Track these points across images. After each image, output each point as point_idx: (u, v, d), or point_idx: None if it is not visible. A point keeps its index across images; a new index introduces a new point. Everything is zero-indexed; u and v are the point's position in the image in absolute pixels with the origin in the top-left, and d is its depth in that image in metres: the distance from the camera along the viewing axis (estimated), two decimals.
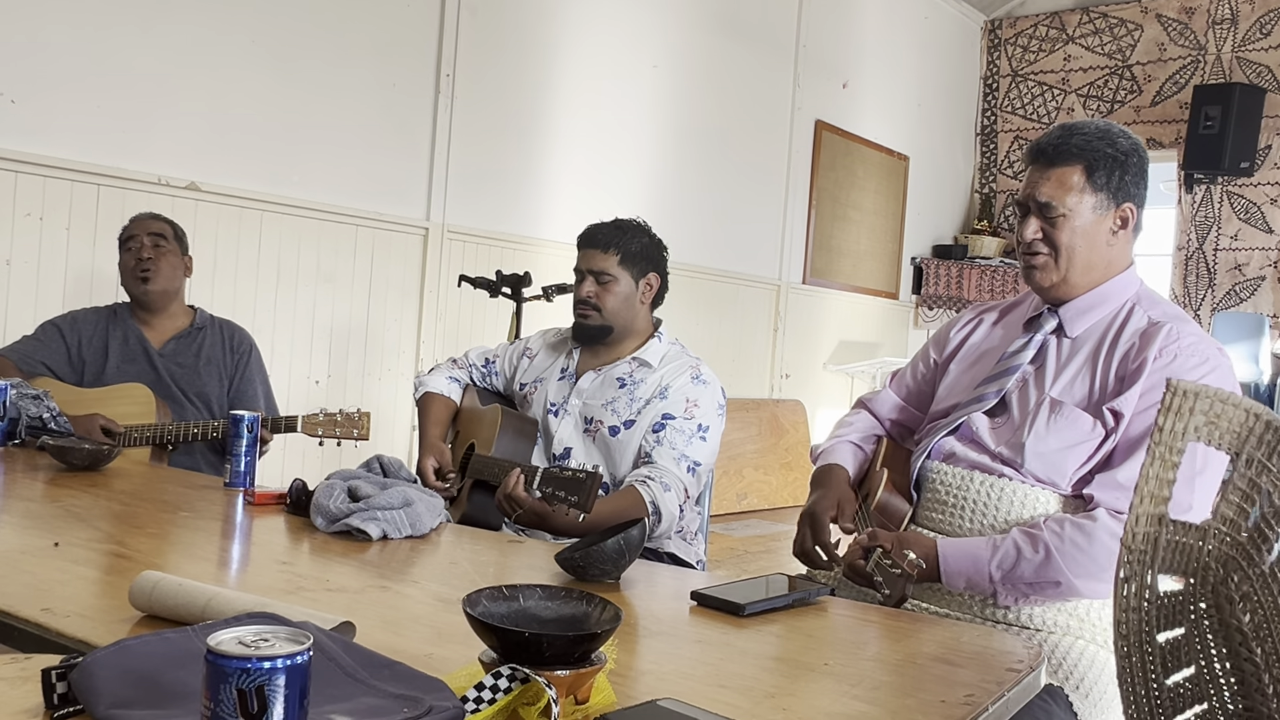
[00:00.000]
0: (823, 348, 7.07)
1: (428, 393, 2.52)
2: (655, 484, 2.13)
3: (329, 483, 1.72)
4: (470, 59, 4.69)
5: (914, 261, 7.88)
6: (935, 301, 7.85)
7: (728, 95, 6.10)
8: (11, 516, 1.68)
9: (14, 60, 3.34)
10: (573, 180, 5.21)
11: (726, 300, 6.22)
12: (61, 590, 1.25)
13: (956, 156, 8.23)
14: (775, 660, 1.19)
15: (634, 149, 5.57)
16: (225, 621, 0.98)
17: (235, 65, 3.88)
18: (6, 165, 3.35)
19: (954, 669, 1.19)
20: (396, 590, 1.37)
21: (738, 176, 6.23)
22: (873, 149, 7.30)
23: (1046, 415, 1.66)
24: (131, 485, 1.99)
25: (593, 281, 2.32)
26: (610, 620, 0.99)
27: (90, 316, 2.80)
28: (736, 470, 5.81)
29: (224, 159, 3.88)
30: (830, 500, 1.81)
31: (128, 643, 0.93)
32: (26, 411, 2.33)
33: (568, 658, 0.94)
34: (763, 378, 6.57)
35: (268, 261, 4.06)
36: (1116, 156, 1.70)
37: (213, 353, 2.82)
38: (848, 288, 7.22)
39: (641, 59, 5.57)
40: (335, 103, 4.21)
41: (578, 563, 1.45)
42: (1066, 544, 1.55)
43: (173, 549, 1.54)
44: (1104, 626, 1.58)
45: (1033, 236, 1.73)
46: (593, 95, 5.30)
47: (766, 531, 5.39)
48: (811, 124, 6.75)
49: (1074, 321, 1.75)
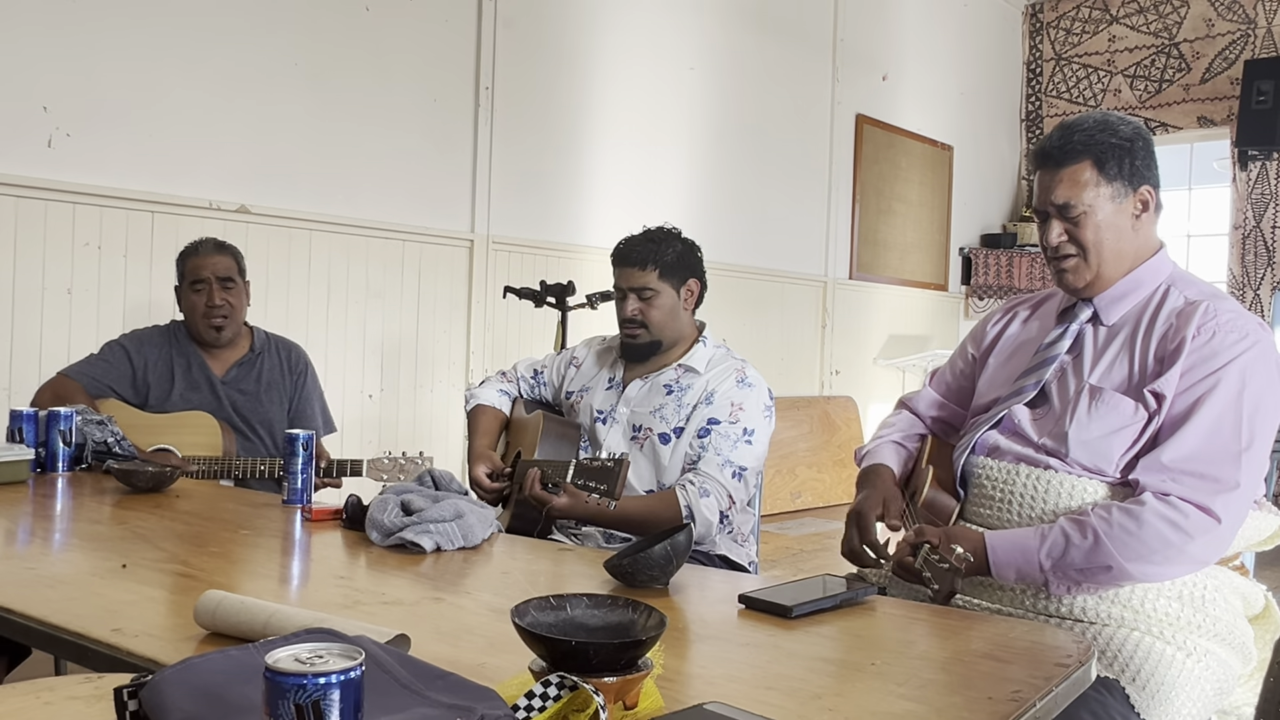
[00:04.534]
0: (872, 343, 7.03)
1: (478, 405, 2.56)
2: (693, 489, 2.15)
3: (383, 497, 1.76)
4: (508, 71, 4.73)
5: (962, 252, 7.80)
6: (985, 291, 7.76)
7: (766, 93, 6.09)
8: (81, 539, 1.73)
9: (67, 95, 3.43)
10: (614, 186, 5.23)
11: (773, 299, 6.21)
12: (130, 610, 1.28)
13: (1001, 144, 8.13)
14: (822, 661, 1.20)
15: (674, 151, 5.58)
16: (284, 638, 1.01)
17: (279, 89, 3.95)
18: (65, 198, 3.44)
19: (1002, 665, 1.19)
20: (450, 602, 1.40)
21: (779, 174, 6.22)
22: (916, 140, 7.24)
23: (1087, 403, 1.66)
24: (194, 505, 2.03)
25: (635, 299, 2.33)
26: (655, 627, 1.01)
27: (155, 338, 2.81)
28: (789, 469, 5.80)
29: (272, 181, 3.96)
30: (876, 499, 1.81)
31: (194, 661, 0.96)
32: (92, 437, 2.39)
33: (614, 664, 0.96)
34: (812, 375, 6.54)
35: (318, 279, 4.13)
36: (1121, 144, 1.69)
37: (273, 376, 2.85)
38: (895, 281, 7.16)
39: (678, 61, 5.58)
40: (377, 121, 4.27)
41: (626, 569, 1.47)
42: (1115, 528, 1.54)
43: (235, 567, 1.57)
44: (1159, 617, 1.57)
45: (1058, 240, 1.72)
46: (631, 100, 5.31)
47: (821, 530, 5.37)
48: (852, 118, 6.71)
49: (1109, 309, 1.74)
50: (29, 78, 3.36)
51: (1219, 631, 1.58)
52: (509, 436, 2.55)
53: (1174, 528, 1.52)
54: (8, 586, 1.37)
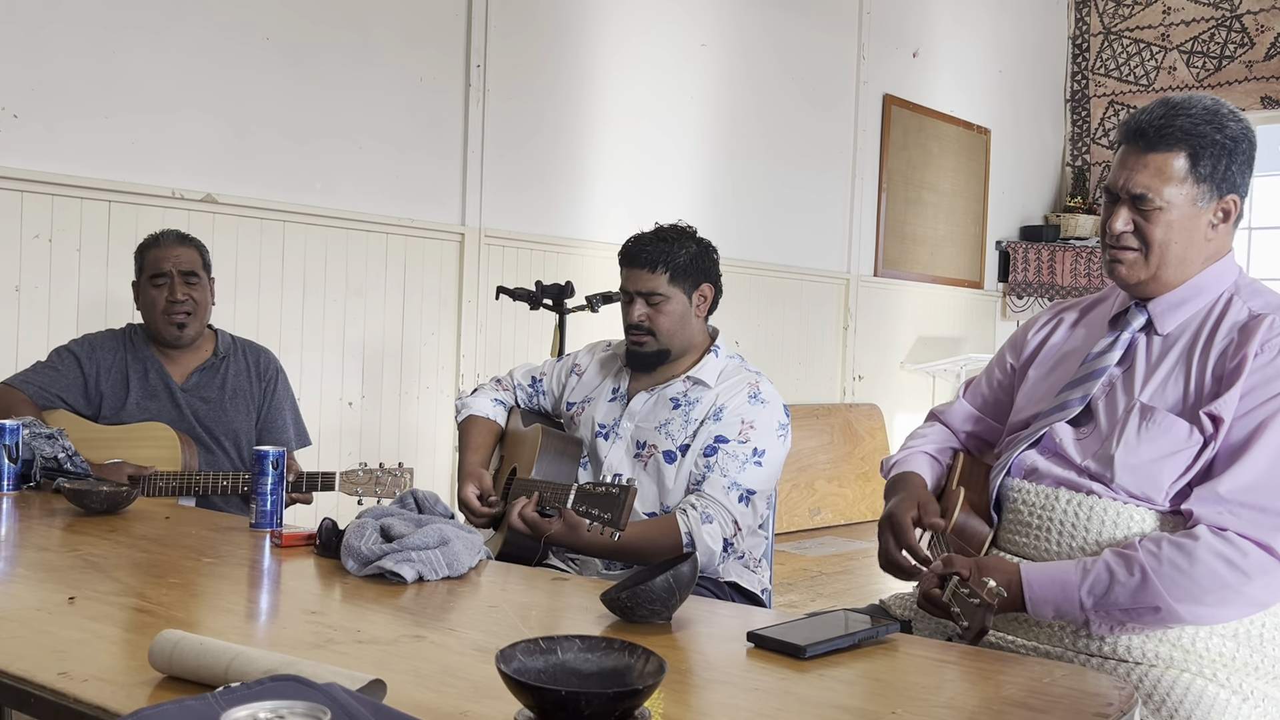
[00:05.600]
0: (899, 345, 7.02)
1: (470, 415, 2.55)
2: (695, 514, 2.15)
3: (360, 522, 1.75)
4: (502, 47, 4.73)
5: (999, 246, 7.79)
6: (1025, 290, 7.75)
7: (785, 72, 6.09)
8: (27, 569, 1.72)
9: (15, 72, 3.44)
10: (617, 175, 5.23)
11: (791, 297, 6.20)
12: (79, 651, 1.27)
13: (1044, 127, 8.12)
14: (838, 709, 1.19)
15: (683, 136, 5.58)
16: (246, 687, 1.01)
17: (250, 66, 3.96)
18: (11, 185, 3.44)
19: (1037, 715, 1.18)
20: (432, 640, 1.39)
21: (799, 161, 6.22)
22: (949, 123, 7.24)
23: (1137, 423, 1.65)
24: (153, 530, 2.03)
25: (643, 304, 2.32)
26: (654, 673, 1.01)
27: (108, 343, 2.81)
28: (808, 483, 5.80)
29: (241, 168, 3.97)
30: (910, 502, 1.79)
31: (146, 713, 0.96)
32: (40, 452, 2.38)
33: (608, 716, 0.96)
34: (833, 381, 6.54)
35: (292, 276, 4.14)
36: (1225, 143, 1.66)
37: (238, 383, 2.84)
38: (925, 278, 7.16)
39: (688, 38, 5.58)
40: (358, 101, 4.27)
41: (625, 603, 1.47)
42: (1165, 565, 1.53)
43: (196, 600, 1.57)
44: (1211, 658, 1.56)
45: (1123, 229, 1.70)
46: (637, 80, 5.32)
47: (843, 550, 5.37)
48: (879, 99, 6.71)
49: (1165, 317, 1.73)
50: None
51: (1278, 674, 1.58)
52: (503, 451, 2.55)
53: (1230, 566, 1.51)
54: None
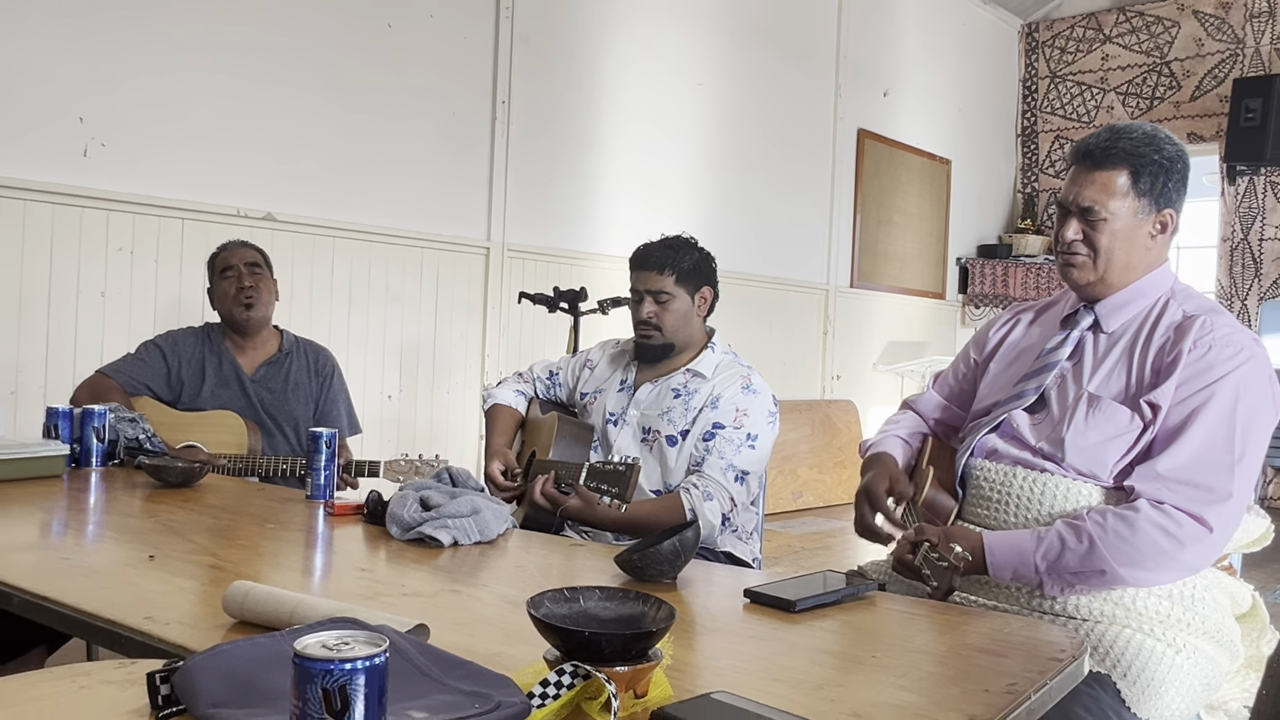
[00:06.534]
0: (872, 349, 7.02)
1: (496, 404, 2.56)
2: (698, 492, 2.15)
3: (402, 493, 1.76)
4: (524, 85, 4.74)
5: (959, 262, 7.79)
6: (982, 300, 7.75)
7: (772, 108, 6.09)
8: (114, 532, 1.73)
9: (102, 107, 3.45)
10: (625, 196, 5.24)
11: (777, 306, 6.21)
12: (162, 600, 1.28)
13: (998, 158, 8.13)
14: (825, 654, 1.20)
15: (683, 164, 5.58)
16: (310, 626, 1.01)
17: (304, 101, 3.97)
18: (99, 204, 3.46)
19: (998, 659, 1.18)
20: (467, 594, 1.40)
21: (784, 186, 6.22)
22: (915, 154, 7.24)
23: (1085, 410, 1.65)
24: (222, 500, 2.04)
25: (651, 302, 2.33)
26: (665, 619, 1.01)
27: (189, 338, 2.82)
28: (791, 470, 5.79)
29: (296, 189, 3.98)
30: (883, 476, 1.79)
31: (223, 648, 0.96)
32: (124, 434, 2.39)
33: (626, 655, 0.96)
34: (814, 380, 6.54)
35: (340, 284, 4.15)
36: (1162, 163, 1.67)
37: (300, 377, 2.84)
38: (895, 290, 7.16)
39: (687, 77, 5.58)
40: (398, 132, 4.28)
41: (636, 564, 1.47)
42: (1110, 534, 1.53)
43: (261, 559, 1.57)
44: (1149, 615, 1.56)
45: (1073, 238, 1.70)
46: (642, 114, 5.32)
47: (822, 529, 5.37)
48: (854, 132, 6.71)
49: (1110, 317, 1.73)
50: (67, 90, 3.38)
51: (1208, 629, 1.57)
52: (524, 436, 2.55)
53: (1167, 535, 1.51)
54: (44, 576, 1.37)
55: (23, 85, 3.29)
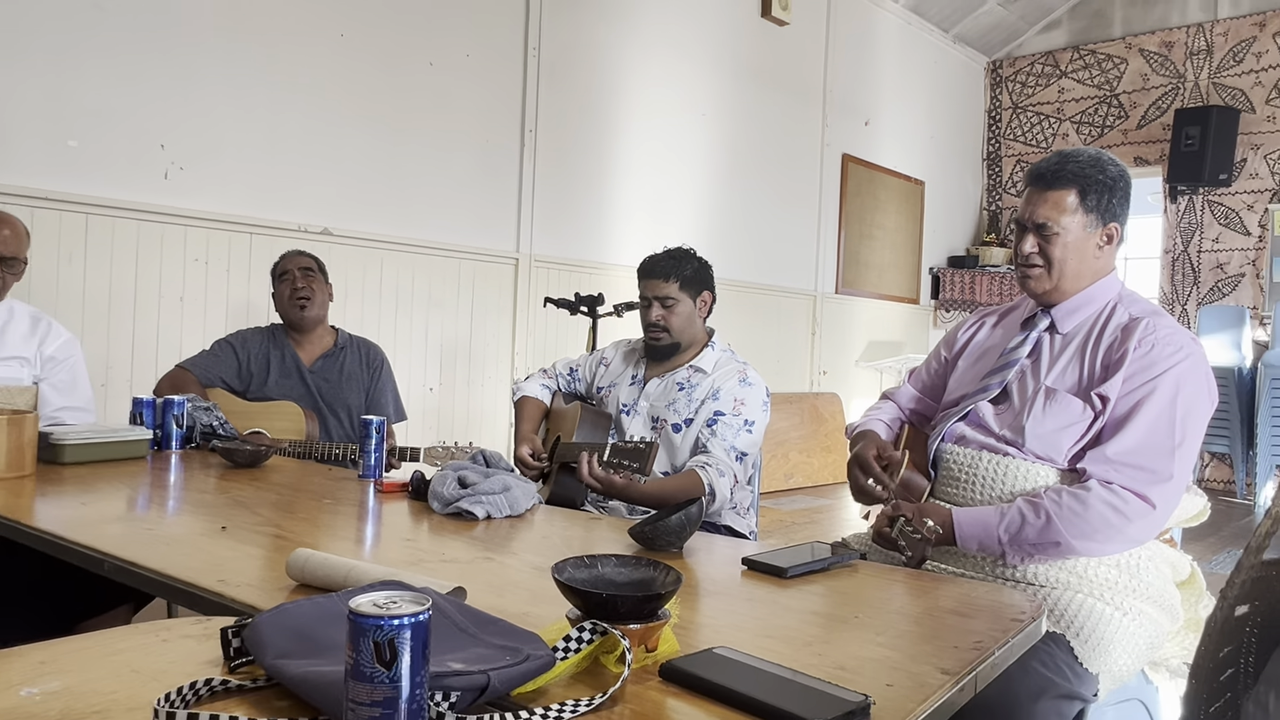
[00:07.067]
0: (854, 348, 7.00)
1: (524, 396, 2.56)
2: (712, 470, 2.14)
3: (442, 473, 1.76)
4: (549, 115, 4.74)
5: (932, 271, 7.76)
6: (951, 305, 7.72)
7: (766, 135, 6.08)
8: (190, 506, 1.74)
9: (181, 135, 3.47)
10: (636, 212, 5.23)
11: (771, 310, 6.20)
12: (233, 565, 1.29)
13: (965, 180, 8.09)
14: (813, 614, 1.20)
15: (688, 184, 5.58)
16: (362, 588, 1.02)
17: (357, 129, 3.98)
18: (178, 221, 3.47)
19: (966, 620, 1.18)
20: (499, 560, 1.40)
21: (777, 204, 6.21)
22: (893, 176, 7.21)
23: (1043, 401, 1.64)
24: (285, 479, 2.05)
25: (659, 306, 2.32)
26: (673, 583, 1.01)
27: (256, 336, 2.83)
28: (783, 454, 5.78)
29: (350, 207, 3.98)
30: (871, 445, 1.77)
31: (287, 606, 0.97)
32: (200, 421, 2.41)
33: (638, 614, 0.96)
34: (803, 374, 6.53)
35: (388, 291, 4.16)
36: (1106, 182, 1.66)
37: (353, 369, 2.84)
38: (874, 295, 7.13)
39: (692, 108, 5.58)
40: (438, 157, 4.29)
41: (647, 535, 1.47)
42: (1064, 510, 1.53)
43: (319, 530, 1.58)
44: (1099, 582, 1.56)
45: (1030, 251, 1.70)
46: (652, 140, 5.32)
47: (810, 505, 5.35)
48: (839, 157, 6.69)
49: (1064, 320, 1.72)
50: (150, 122, 3.40)
51: (1151, 595, 1.57)
52: (549, 424, 2.55)
53: (1115, 511, 1.51)
54: (131, 544, 1.38)
55: (113, 118, 3.31)
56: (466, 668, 0.84)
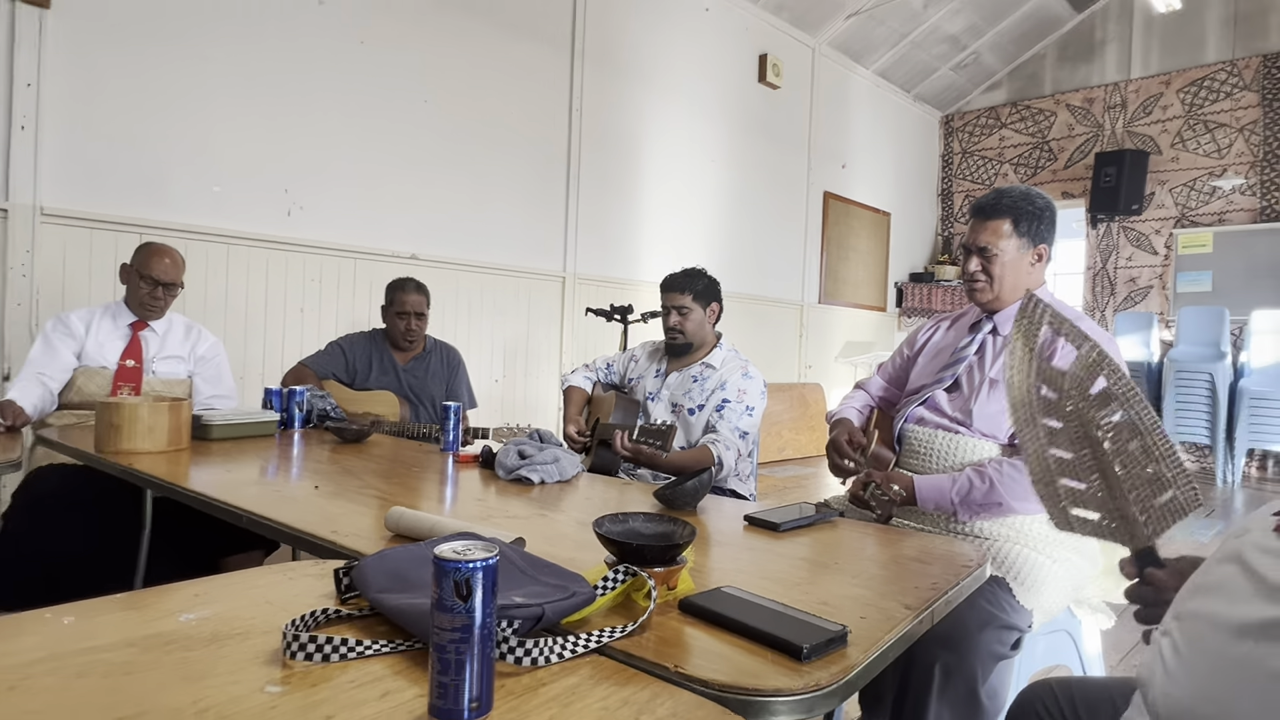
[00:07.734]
0: (834, 347, 6.95)
1: (570, 386, 2.56)
2: (720, 444, 2.14)
3: (506, 447, 1.77)
4: (589, 161, 4.74)
5: (896, 285, 7.68)
6: (912, 312, 7.64)
7: (763, 177, 6.04)
8: (309, 474, 1.76)
9: (301, 180, 3.50)
10: (659, 239, 5.22)
11: (765, 316, 6.16)
12: (342, 518, 1.30)
13: (924, 211, 7.99)
14: (801, 560, 1.19)
15: (700, 216, 5.56)
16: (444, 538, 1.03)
17: (439, 170, 4.00)
18: (300, 249, 3.51)
19: (925, 566, 1.17)
20: (551, 517, 1.41)
21: (771, 231, 6.17)
22: (864, 209, 7.14)
23: (987, 390, 1.63)
24: (383, 452, 2.06)
25: (676, 314, 2.32)
26: (689, 535, 1.01)
27: (361, 339, 2.83)
28: (777, 432, 5.75)
29: (433, 236, 4.00)
30: (844, 430, 1.77)
31: (385, 552, 0.98)
32: (316, 406, 2.43)
33: (662, 560, 0.97)
34: (793, 368, 6.49)
35: (463, 303, 4.18)
36: (1034, 211, 1.64)
37: (437, 369, 2.85)
38: (850, 305, 7.07)
39: (704, 155, 5.55)
40: (502, 195, 4.30)
41: (668, 497, 1.47)
42: (1005, 477, 1.51)
43: (410, 492, 1.59)
44: (1034, 535, 1.54)
45: (974, 270, 1.69)
46: (672, 179, 5.30)
47: (798, 473, 5.32)
48: (821, 194, 6.64)
49: (1004, 324, 1.70)
50: (276, 170, 3.44)
51: (1075, 545, 1.55)
52: (590, 408, 2.56)
53: None
54: (263, 502, 1.40)
55: (246, 168, 3.35)
56: (526, 601, 0.84)
